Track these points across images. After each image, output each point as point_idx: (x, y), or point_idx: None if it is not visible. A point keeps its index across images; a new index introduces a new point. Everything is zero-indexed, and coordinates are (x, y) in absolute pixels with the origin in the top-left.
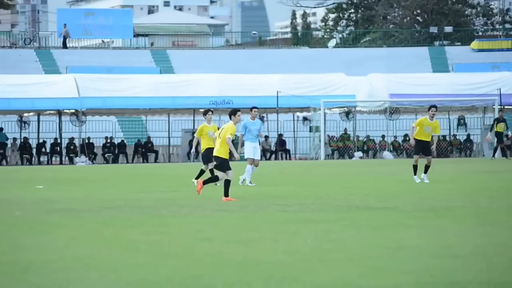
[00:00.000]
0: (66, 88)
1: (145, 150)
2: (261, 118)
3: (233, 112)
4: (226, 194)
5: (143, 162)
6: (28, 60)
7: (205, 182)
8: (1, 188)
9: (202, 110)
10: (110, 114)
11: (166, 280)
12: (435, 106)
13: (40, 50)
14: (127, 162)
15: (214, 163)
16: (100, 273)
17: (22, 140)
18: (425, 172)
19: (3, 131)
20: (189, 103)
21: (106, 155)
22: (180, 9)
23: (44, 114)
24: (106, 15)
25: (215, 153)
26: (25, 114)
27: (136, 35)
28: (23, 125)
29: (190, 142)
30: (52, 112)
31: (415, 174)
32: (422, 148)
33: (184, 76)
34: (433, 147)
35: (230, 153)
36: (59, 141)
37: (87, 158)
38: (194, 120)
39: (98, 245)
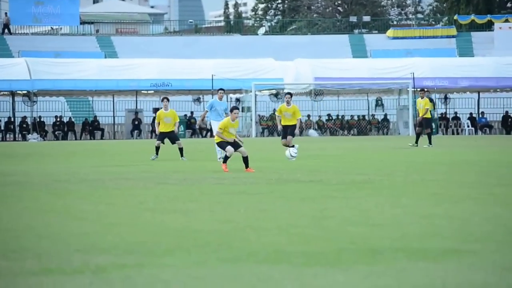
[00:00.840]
0: (18, 71)
1: (92, 128)
2: (198, 99)
3: (231, 109)
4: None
5: (90, 139)
6: None
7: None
8: None
9: (144, 91)
10: (60, 95)
11: (112, 247)
12: (289, 94)
13: None
14: (76, 139)
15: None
16: (52, 241)
17: None
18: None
19: None
20: (132, 85)
21: (56, 133)
22: None
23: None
24: (54, 4)
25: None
26: None
27: (82, 22)
28: None
29: (133, 121)
30: (6, 93)
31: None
32: (285, 132)
33: (127, 60)
34: (297, 130)
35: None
36: (12, 119)
37: (39, 135)
38: (136, 100)
39: (50, 215)
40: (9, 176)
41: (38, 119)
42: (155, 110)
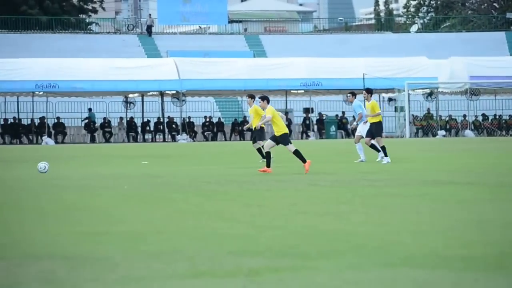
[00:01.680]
0: (167, 71)
1: (241, 128)
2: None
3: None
4: (268, 165)
5: (240, 140)
6: (131, 45)
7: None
8: (109, 164)
9: (294, 91)
10: (208, 95)
11: (265, 250)
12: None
13: (142, 35)
14: (225, 140)
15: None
16: (204, 243)
17: (128, 120)
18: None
19: (92, 111)
20: (281, 85)
21: (205, 133)
22: None
23: (147, 95)
24: (203, 3)
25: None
26: (130, 95)
27: (231, 21)
28: (128, 105)
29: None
30: (155, 93)
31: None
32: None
33: (276, 59)
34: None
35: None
36: (161, 120)
37: (188, 136)
38: (286, 100)
39: (201, 217)
40: (160, 177)
41: (187, 120)
42: (305, 110)
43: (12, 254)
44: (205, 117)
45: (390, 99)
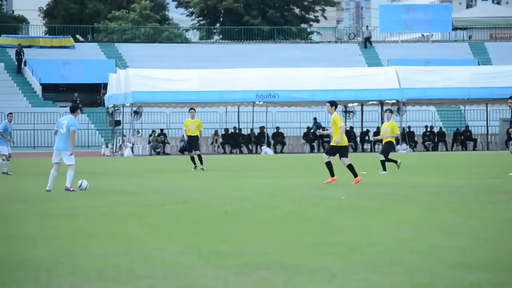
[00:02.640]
0: (387, 79)
1: (463, 138)
2: None
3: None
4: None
5: (462, 150)
6: (352, 54)
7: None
8: (326, 174)
9: None
10: (430, 104)
11: (487, 263)
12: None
13: (363, 44)
14: (446, 150)
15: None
16: (423, 256)
17: (347, 129)
18: None
19: (318, 120)
20: (507, 93)
21: (426, 143)
22: (498, 2)
23: (367, 104)
24: (426, 10)
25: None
26: (350, 105)
27: (455, 28)
28: (347, 114)
29: (507, 130)
30: (375, 102)
31: None
32: None
33: (501, 67)
34: None
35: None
36: (379, 129)
37: (408, 146)
38: None
39: (420, 229)
40: (377, 187)
41: (407, 129)
42: None
43: (231, 263)
44: (426, 126)
45: None
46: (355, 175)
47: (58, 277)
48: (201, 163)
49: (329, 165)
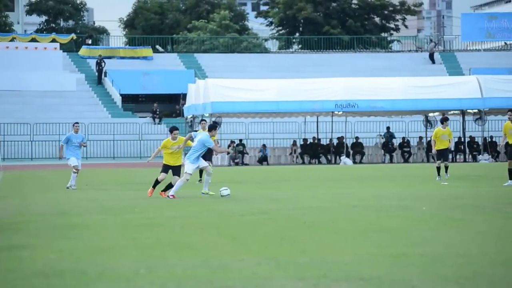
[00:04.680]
0: (469, 89)
1: None
2: None
3: None
4: None
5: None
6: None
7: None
8: (407, 184)
9: None
10: None
11: None
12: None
13: (445, 53)
14: None
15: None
16: (506, 268)
17: (428, 139)
18: None
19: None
20: None
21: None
22: None
23: (448, 114)
24: (509, 19)
25: None
26: (430, 114)
27: None
28: (428, 124)
29: None
30: (456, 112)
31: None
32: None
33: None
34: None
35: None
36: (462, 139)
37: (490, 156)
38: None
39: (505, 240)
40: (460, 198)
41: (489, 139)
42: None
43: (309, 274)
44: None
45: None
46: None
47: (137, 287)
48: (201, 176)
49: None
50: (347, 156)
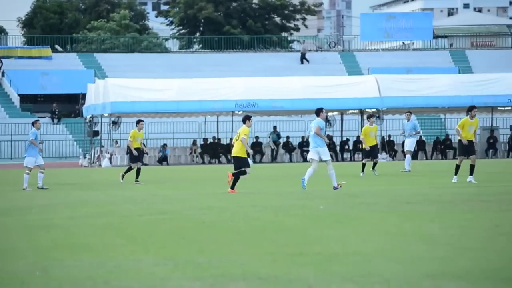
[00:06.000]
0: (368, 88)
1: (443, 147)
2: None
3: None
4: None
5: (442, 158)
6: (332, 62)
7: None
8: (317, 184)
9: (501, 108)
10: None
11: (465, 273)
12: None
13: (344, 52)
14: (426, 159)
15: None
16: (401, 265)
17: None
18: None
19: (277, 131)
20: (487, 102)
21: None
22: (480, 10)
23: (347, 113)
24: (407, 18)
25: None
26: (329, 114)
27: (436, 36)
28: (327, 123)
29: (488, 139)
30: (355, 111)
31: None
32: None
33: (482, 75)
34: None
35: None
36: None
37: (388, 155)
38: (492, 118)
39: (399, 239)
40: (357, 197)
41: (387, 138)
42: None
43: (207, 274)
44: None
45: None
46: None
47: None
48: (138, 176)
49: None
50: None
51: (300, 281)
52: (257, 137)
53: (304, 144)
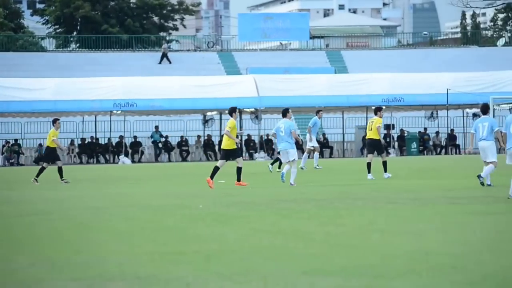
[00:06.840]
0: (246, 88)
1: (321, 146)
2: (431, 115)
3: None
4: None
5: (319, 158)
6: (211, 62)
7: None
8: (185, 183)
9: (374, 107)
10: None
11: (340, 269)
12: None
13: (222, 52)
14: (310, 158)
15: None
16: (278, 263)
17: (205, 138)
18: None
19: (159, 130)
20: (362, 101)
21: None
22: (354, 11)
23: (225, 113)
24: (284, 19)
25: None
26: (208, 113)
27: (312, 37)
28: (206, 123)
29: (363, 138)
30: None
31: None
32: None
33: (357, 75)
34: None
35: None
36: (240, 138)
37: (266, 154)
38: (367, 117)
39: (276, 236)
40: (235, 196)
41: (265, 137)
42: (386, 126)
43: (85, 275)
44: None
45: (474, 115)
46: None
47: None
48: (62, 175)
49: None
50: (126, 155)
51: (178, 280)
52: (135, 137)
53: (183, 144)
